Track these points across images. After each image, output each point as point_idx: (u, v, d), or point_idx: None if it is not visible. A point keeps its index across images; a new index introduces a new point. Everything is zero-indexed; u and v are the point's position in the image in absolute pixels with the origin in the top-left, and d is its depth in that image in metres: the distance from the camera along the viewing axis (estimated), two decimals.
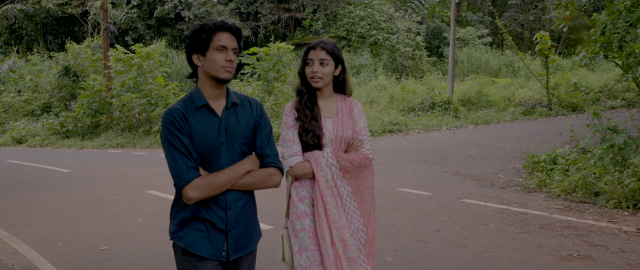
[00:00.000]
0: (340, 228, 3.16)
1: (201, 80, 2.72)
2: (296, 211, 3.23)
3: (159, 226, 7.45)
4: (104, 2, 21.67)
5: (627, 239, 6.22)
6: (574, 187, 8.49)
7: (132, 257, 6.16)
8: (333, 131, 3.25)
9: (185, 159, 2.59)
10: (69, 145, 19.18)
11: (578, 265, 5.41)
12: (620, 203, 7.67)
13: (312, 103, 3.26)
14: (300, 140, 3.22)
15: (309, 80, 3.25)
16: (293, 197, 3.25)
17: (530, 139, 14.23)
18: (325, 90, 3.30)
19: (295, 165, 3.17)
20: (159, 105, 18.97)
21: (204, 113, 2.68)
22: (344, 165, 3.19)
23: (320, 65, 3.21)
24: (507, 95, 21.72)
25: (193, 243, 2.66)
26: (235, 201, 2.71)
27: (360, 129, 3.30)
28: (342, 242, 3.16)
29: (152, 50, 20.70)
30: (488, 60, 31.20)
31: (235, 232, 2.72)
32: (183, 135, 2.61)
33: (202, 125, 2.66)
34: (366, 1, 32.60)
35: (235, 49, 2.69)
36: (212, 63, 2.64)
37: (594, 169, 8.71)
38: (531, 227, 6.77)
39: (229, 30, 2.67)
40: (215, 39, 2.63)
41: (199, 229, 2.67)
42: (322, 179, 3.15)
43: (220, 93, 2.73)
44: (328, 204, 3.16)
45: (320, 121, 3.24)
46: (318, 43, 3.26)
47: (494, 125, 18.31)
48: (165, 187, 9.95)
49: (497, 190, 9.22)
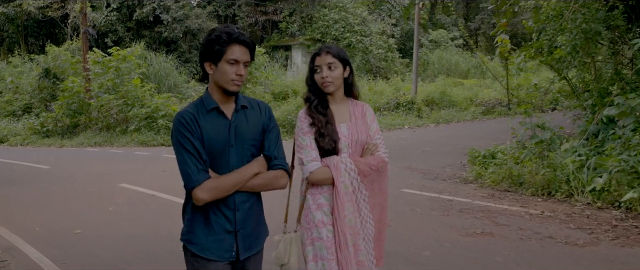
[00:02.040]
0: (355, 234, 3.19)
1: (211, 86, 2.76)
2: (313, 220, 3.23)
3: (128, 214, 8.35)
4: (83, 6, 22.43)
5: (529, 219, 7.23)
6: (501, 178, 9.51)
7: (102, 239, 7.04)
8: (348, 135, 3.26)
9: (195, 161, 2.64)
10: (48, 144, 19.95)
11: (478, 240, 6.41)
12: (536, 191, 8.69)
13: (324, 108, 3.26)
14: (317, 145, 3.23)
15: (320, 87, 3.25)
16: (309, 204, 3.25)
17: (485, 137, 15.19)
18: (336, 94, 3.31)
19: (316, 171, 3.16)
20: (136, 106, 19.79)
21: (214, 116, 2.73)
22: (362, 170, 3.19)
23: (329, 69, 3.21)
24: (470, 95, 22.77)
25: (203, 247, 2.73)
26: (243, 202, 2.76)
27: (374, 133, 3.31)
28: (354, 247, 3.18)
29: (129, 53, 21.52)
30: (458, 62, 32.35)
31: (244, 232, 2.78)
32: (194, 137, 2.66)
33: (212, 127, 2.70)
34: (340, 5, 33.57)
35: (247, 62, 2.71)
36: (222, 75, 2.67)
37: (527, 162, 9.70)
38: (452, 211, 7.77)
39: (243, 43, 2.68)
40: (229, 52, 2.64)
41: (208, 232, 2.73)
42: (341, 185, 3.16)
43: (230, 98, 2.78)
44: (346, 210, 3.16)
45: (335, 125, 3.25)
46: (322, 48, 3.28)
47: (454, 124, 19.36)
48: (136, 181, 10.84)
49: (438, 182, 10.20)
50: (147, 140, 18.28)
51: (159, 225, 7.62)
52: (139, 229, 7.47)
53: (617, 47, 10.60)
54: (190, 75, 31.51)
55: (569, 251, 5.92)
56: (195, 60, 33.11)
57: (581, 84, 11.41)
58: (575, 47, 9.89)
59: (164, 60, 28.31)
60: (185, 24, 31.75)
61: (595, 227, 6.75)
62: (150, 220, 7.92)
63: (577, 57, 10.24)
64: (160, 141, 18.07)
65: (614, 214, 7.33)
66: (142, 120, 19.35)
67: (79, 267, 6.04)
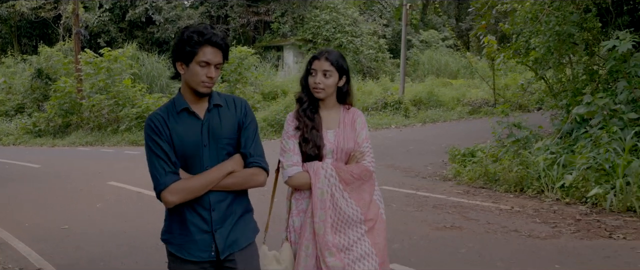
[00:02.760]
0: (323, 243, 3.11)
1: (183, 86, 2.74)
2: (293, 224, 3.25)
3: (115, 210, 8.64)
4: (75, 7, 22.68)
5: (498, 214, 7.56)
6: (478, 176, 9.83)
7: (89, 234, 7.33)
8: (334, 142, 3.22)
9: (163, 164, 2.62)
10: (41, 144, 20.22)
11: (446, 233, 6.73)
12: (510, 188, 9.02)
13: (312, 112, 3.23)
14: (300, 150, 3.21)
15: (311, 90, 3.22)
16: (292, 210, 3.26)
17: (469, 136, 15.46)
18: (328, 100, 3.27)
19: (294, 176, 3.14)
20: (127, 106, 20.09)
21: (185, 116, 2.69)
22: (343, 177, 3.15)
23: (323, 76, 3.18)
24: (457, 95, 23.08)
25: (180, 248, 2.72)
26: (219, 202, 2.71)
27: (362, 141, 3.25)
28: (324, 257, 3.10)
29: (120, 53, 21.81)
30: (448, 62, 32.68)
31: (222, 231, 2.72)
32: (162, 140, 2.64)
33: (183, 128, 2.67)
34: (331, 5, 33.88)
35: (219, 64, 2.66)
36: (193, 76, 2.63)
37: (504, 160, 10.02)
38: (426, 207, 8.09)
39: (215, 45, 2.63)
40: (200, 54, 2.60)
41: (185, 233, 2.71)
42: (318, 191, 3.12)
43: (202, 98, 2.74)
44: (316, 217, 3.11)
45: (321, 131, 3.21)
46: (323, 53, 3.23)
47: (440, 123, 19.68)
48: (124, 179, 11.12)
49: (417, 179, 10.52)
50: (138, 140, 18.55)
51: (144, 220, 7.91)
52: (125, 224, 7.76)
53: (593, 49, 10.92)
54: None
55: (531, 243, 6.24)
56: None
57: (558, 85, 11.75)
58: (550, 49, 10.22)
59: (156, 61, 28.59)
60: (177, 24, 32.00)
61: (560, 221, 7.08)
62: (136, 216, 8.21)
63: (551, 58, 10.56)
64: None
65: (580, 209, 7.66)
66: (133, 120, 19.65)
67: (66, 260, 6.32)
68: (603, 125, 8.67)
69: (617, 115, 8.64)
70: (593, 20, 10.35)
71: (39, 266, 6.11)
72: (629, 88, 8.89)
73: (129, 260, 6.16)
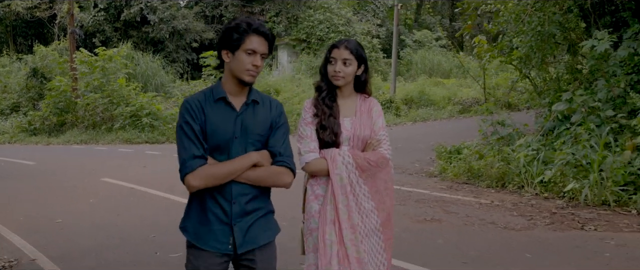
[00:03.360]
0: (349, 228, 3.16)
1: (226, 75, 2.73)
2: (310, 210, 3.27)
3: (107, 205, 8.87)
4: (70, 7, 22.89)
5: (478, 208, 7.83)
6: (462, 172, 10.10)
7: (81, 227, 7.56)
8: (351, 130, 3.26)
9: (193, 147, 2.62)
10: (36, 142, 20.43)
11: (426, 225, 7.00)
12: (492, 183, 9.30)
13: (331, 100, 3.27)
14: (317, 137, 3.24)
15: (330, 78, 3.28)
16: (308, 195, 3.29)
17: (458, 134, 15.71)
18: (345, 89, 3.32)
19: (311, 162, 3.18)
20: (121, 105, 20.33)
21: (221, 106, 2.70)
22: (360, 164, 3.19)
23: (343, 64, 3.23)
24: (448, 95, 23.37)
25: (197, 236, 2.71)
26: (241, 195, 2.69)
27: (379, 129, 3.30)
28: (351, 242, 3.16)
29: (114, 53, 22.04)
30: (440, 61, 32.97)
31: (241, 225, 2.70)
32: (195, 123, 2.64)
33: (218, 117, 2.67)
34: (325, 5, 34.14)
35: (264, 54, 2.69)
36: (239, 64, 2.64)
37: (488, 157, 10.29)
38: (409, 201, 8.35)
39: (263, 34, 2.67)
40: (247, 41, 2.63)
41: (204, 222, 2.70)
42: (337, 177, 3.16)
43: (242, 90, 2.74)
44: (339, 202, 3.16)
45: (339, 119, 3.25)
46: (342, 42, 3.28)
47: (430, 122, 19.98)
48: (117, 176, 11.36)
49: (404, 175, 10.78)
50: (132, 138, 18.82)
51: (135, 215, 8.15)
52: (117, 218, 7.99)
53: (576, 48, 11.21)
54: (177, 75, 32.01)
55: (506, 234, 6.52)
56: (181, 60, 33.60)
57: (542, 83, 12.04)
58: (532, 48, 10.49)
59: (151, 60, 28.84)
60: (172, 24, 32.21)
61: (536, 215, 7.36)
62: (127, 211, 8.44)
63: (534, 57, 10.84)
64: (144, 139, 18.63)
65: (557, 203, 7.94)
66: (127, 118, 19.89)
67: (59, 252, 6.54)
68: (581, 122, 8.95)
69: (595, 112, 8.91)
70: (575, 21, 10.64)
71: (33, 257, 6.33)
72: (607, 86, 9.17)
73: (119, 251, 6.39)
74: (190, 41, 33.29)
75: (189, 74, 33.80)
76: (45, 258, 6.27)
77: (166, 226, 7.33)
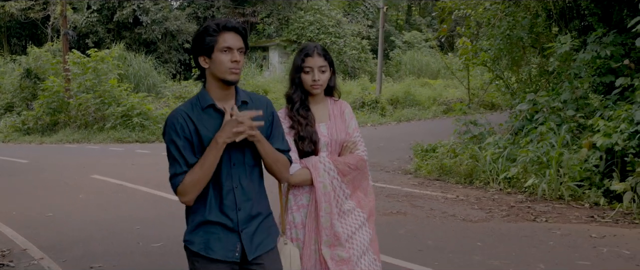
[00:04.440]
0: (332, 235, 3.15)
1: (209, 81, 2.67)
2: (293, 220, 3.22)
3: (97, 200, 9.36)
4: (63, 8, 23.34)
5: (443, 202, 8.36)
6: (434, 169, 10.63)
7: (71, 221, 8.05)
8: (328, 135, 3.23)
9: (176, 165, 2.60)
10: (29, 141, 20.91)
11: (391, 217, 7.52)
12: (460, 179, 9.84)
13: (305, 110, 3.22)
14: (296, 147, 3.20)
15: (307, 88, 3.21)
16: (291, 205, 3.24)
17: (439, 134, 16.11)
18: (318, 95, 3.28)
19: (295, 173, 3.13)
20: (112, 105, 20.84)
21: (211, 113, 2.64)
22: (341, 169, 3.18)
23: (321, 72, 3.19)
24: (434, 95, 23.92)
25: (205, 246, 2.65)
26: (245, 201, 2.67)
27: (353, 131, 3.29)
28: (330, 248, 3.15)
29: (106, 54, 22.55)
30: (429, 62, 33.54)
31: (247, 231, 2.69)
32: (180, 138, 2.60)
33: (209, 126, 2.62)
34: (316, 7, 34.69)
35: (241, 48, 2.62)
36: (218, 65, 2.57)
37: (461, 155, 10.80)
38: (380, 196, 8.85)
39: (234, 29, 2.61)
40: (220, 40, 2.57)
41: (211, 231, 2.66)
42: (320, 185, 3.14)
43: (229, 93, 2.68)
44: (321, 210, 3.14)
45: (315, 127, 3.21)
46: (313, 48, 3.21)
47: (415, 122, 20.52)
48: (106, 173, 11.85)
49: (381, 173, 11.29)
50: (123, 137, 19.34)
51: (122, 209, 8.64)
52: (104, 212, 8.49)
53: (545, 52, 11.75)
54: (169, 76, 32.49)
55: (463, 226, 7.05)
56: (174, 61, 34.07)
57: (514, 85, 12.59)
58: (501, 51, 11.03)
59: (143, 61, 29.32)
60: (164, 25, 32.68)
61: (495, 208, 7.89)
62: (115, 206, 8.94)
63: (504, 59, 11.39)
64: (134, 138, 19.16)
65: (517, 198, 8.48)
66: (118, 118, 20.40)
67: (49, 242, 7.03)
68: (543, 121, 9.49)
69: (556, 112, 9.45)
70: (543, 25, 11.17)
71: (24, 247, 6.82)
72: (570, 88, 9.70)
73: (105, 242, 6.88)
74: (183, 42, 33.75)
75: (182, 74, 34.32)
76: (35, 248, 6.75)
77: (150, 219, 7.85)
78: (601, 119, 8.46)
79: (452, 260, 5.70)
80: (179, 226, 7.19)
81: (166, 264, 5.94)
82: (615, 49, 9.53)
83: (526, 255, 5.78)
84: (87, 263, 6.06)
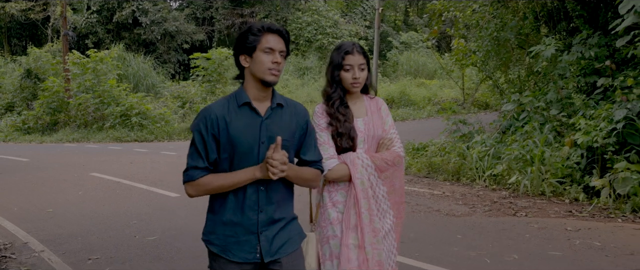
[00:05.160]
0: (371, 231, 3.14)
1: (247, 81, 2.68)
2: (328, 217, 3.20)
3: (95, 196, 9.66)
4: (63, 9, 23.65)
5: (429, 198, 8.66)
6: (423, 167, 10.93)
7: (70, 215, 8.35)
8: (364, 131, 3.20)
9: (198, 158, 2.62)
10: (29, 141, 21.24)
11: None
12: (448, 177, 10.13)
13: (345, 107, 3.19)
14: (334, 143, 3.17)
15: (347, 86, 3.19)
16: (325, 202, 3.22)
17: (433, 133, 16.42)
18: (355, 92, 3.25)
19: (334, 169, 3.11)
20: (111, 104, 21.18)
21: (246, 111, 2.64)
22: (379, 165, 3.16)
23: (361, 70, 3.17)
24: (429, 95, 24.22)
25: (224, 248, 2.67)
26: (268, 204, 2.67)
27: (389, 127, 3.27)
28: (372, 246, 3.14)
29: (105, 55, 22.90)
30: (425, 63, 33.84)
31: (267, 234, 2.68)
32: (208, 134, 2.61)
33: (242, 123, 2.62)
34: (313, 8, 35.01)
35: (282, 51, 2.64)
36: (259, 65, 2.60)
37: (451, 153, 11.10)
38: None
39: (277, 32, 2.64)
40: (263, 41, 2.60)
41: (230, 233, 2.67)
42: (358, 181, 3.12)
43: (266, 95, 2.68)
44: (362, 207, 3.12)
45: (353, 123, 3.19)
46: (353, 47, 3.21)
47: (409, 121, 20.80)
48: (105, 171, 12.16)
49: None
50: (122, 136, 19.68)
51: (119, 204, 8.94)
52: (102, 208, 8.78)
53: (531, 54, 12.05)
54: (168, 76, 32.80)
55: (445, 220, 7.35)
56: (172, 61, 34.39)
57: (504, 85, 12.90)
58: (489, 52, 11.34)
59: (143, 61, 29.63)
60: (163, 26, 33.01)
61: (478, 203, 8.19)
62: (113, 201, 9.23)
63: (493, 60, 11.69)
64: (133, 137, 19.49)
65: (501, 194, 8.78)
66: (117, 117, 20.75)
67: (49, 236, 7.31)
68: (527, 121, 9.80)
69: (539, 112, 9.76)
70: (530, 27, 11.47)
71: (25, 241, 7.12)
72: (554, 88, 10.01)
73: (103, 235, 7.17)
74: (182, 43, 34.08)
75: (180, 74, 34.64)
76: (36, 241, 7.05)
77: (146, 215, 8.15)
78: (583, 118, 8.75)
79: (432, 251, 5.99)
80: (173, 221, 7.54)
81: (160, 255, 6.23)
82: (599, 51, 9.84)
83: (502, 247, 6.08)
84: (85, 255, 6.35)
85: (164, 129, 20.26)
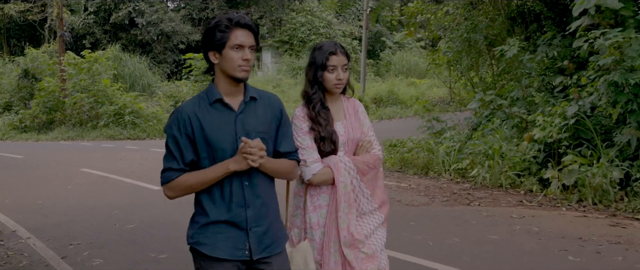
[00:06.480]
0: (348, 235, 3.12)
1: (217, 77, 2.63)
2: (309, 221, 3.18)
3: (83, 190, 10.22)
4: (59, 11, 24.23)
5: (395, 190, 9.22)
6: (396, 162, 11.49)
7: (58, 206, 8.91)
8: (344, 134, 3.19)
9: (172, 160, 2.60)
10: (26, 139, 21.87)
11: None
12: (418, 171, 10.69)
13: (325, 109, 3.17)
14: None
15: (330, 87, 3.15)
16: (307, 205, 3.19)
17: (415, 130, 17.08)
18: (335, 93, 3.23)
19: (318, 173, 3.09)
20: (106, 104, 21.82)
21: (218, 107, 2.61)
22: (361, 168, 3.16)
23: (344, 71, 3.14)
24: (417, 94, 24.77)
25: (213, 247, 2.62)
26: (254, 199, 2.63)
27: (368, 130, 3.27)
28: (351, 248, 3.11)
29: (100, 55, 23.50)
30: (417, 62, 34.39)
31: (257, 230, 2.65)
32: (181, 135, 2.58)
33: (216, 120, 2.59)
34: (307, 8, 35.59)
35: (252, 46, 2.58)
36: (229, 62, 2.53)
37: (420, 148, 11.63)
38: None
39: (246, 26, 2.57)
40: (232, 37, 2.52)
41: (219, 231, 2.62)
42: (341, 185, 3.11)
43: (238, 89, 2.64)
44: (340, 210, 3.11)
45: (334, 126, 3.17)
46: (337, 47, 3.16)
47: (396, 119, 21.38)
48: (95, 166, 12.74)
49: None
50: (115, 135, 20.31)
51: (105, 197, 9.51)
52: (89, 200, 9.35)
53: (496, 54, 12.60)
54: (164, 76, 33.40)
55: (404, 209, 7.90)
56: (168, 61, 34.98)
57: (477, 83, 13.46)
58: (460, 53, 11.90)
59: (139, 62, 30.23)
60: (159, 27, 33.60)
61: (438, 195, 8.76)
62: (99, 194, 9.80)
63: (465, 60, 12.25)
64: (126, 135, 20.13)
65: (462, 186, 9.34)
66: (111, 116, 21.37)
67: (36, 225, 7.88)
68: (490, 118, 10.36)
69: (501, 109, 10.31)
70: (500, 28, 12.03)
71: (13, 229, 7.68)
72: (518, 87, 10.56)
73: (86, 224, 7.73)
74: (177, 43, 34.66)
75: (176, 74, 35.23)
76: (23, 229, 7.61)
77: (128, 206, 8.72)
78: (541, 115, 9.30)
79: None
80: (151, 210, 8.09)
81: (136, 240, 6.81)
82: (563, 51, 10.36)
83: (447, 232, 6.63)
84: (67, 241, 6.92)
85: (156, 127, 20.86)
